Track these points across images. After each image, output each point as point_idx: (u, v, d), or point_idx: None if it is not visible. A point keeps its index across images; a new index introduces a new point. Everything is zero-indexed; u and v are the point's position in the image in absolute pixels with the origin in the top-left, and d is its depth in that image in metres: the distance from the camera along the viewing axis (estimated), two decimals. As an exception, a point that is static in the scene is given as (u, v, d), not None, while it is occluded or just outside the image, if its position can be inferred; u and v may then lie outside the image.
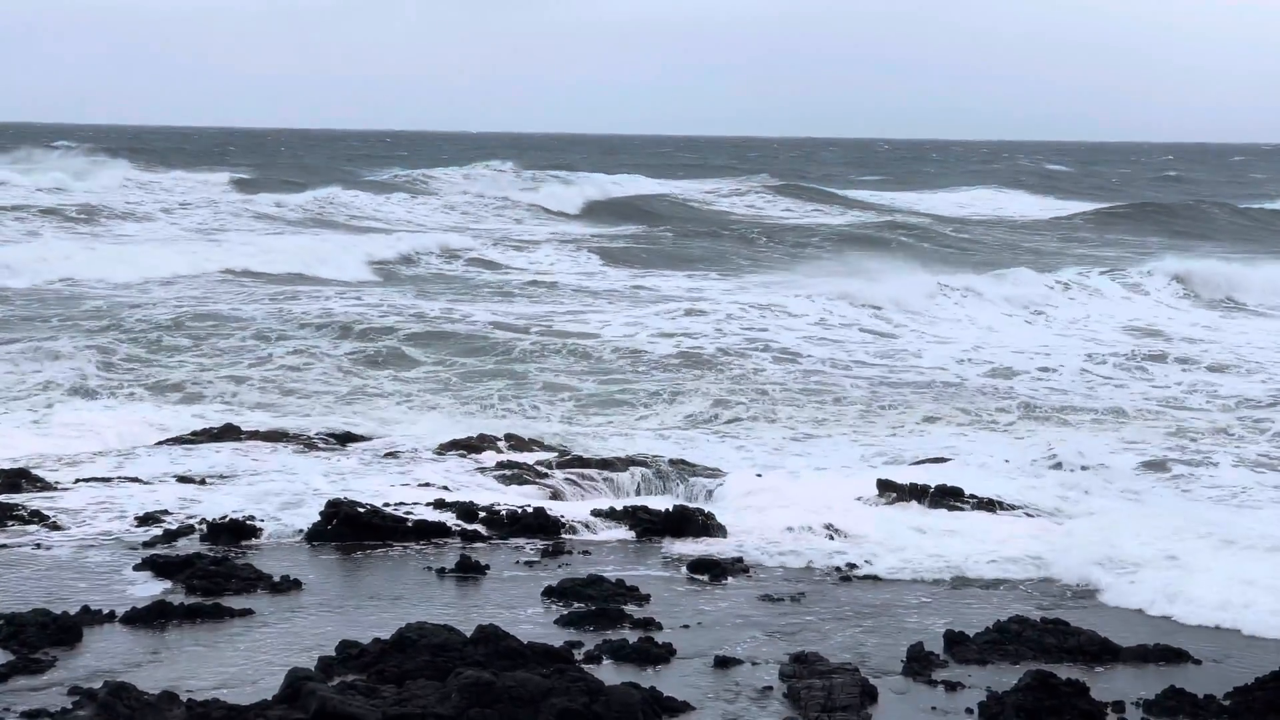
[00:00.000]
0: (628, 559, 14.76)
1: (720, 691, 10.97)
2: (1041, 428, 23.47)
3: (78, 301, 35.59)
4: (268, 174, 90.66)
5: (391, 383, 26.47)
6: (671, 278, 46.13)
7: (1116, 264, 49.20)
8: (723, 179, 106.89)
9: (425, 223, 67.50)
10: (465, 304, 36.87)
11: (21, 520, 15.28)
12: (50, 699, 10.45)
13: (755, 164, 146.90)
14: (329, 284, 41.14)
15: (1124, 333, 35.55)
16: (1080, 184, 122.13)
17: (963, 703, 10.84)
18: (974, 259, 54.33)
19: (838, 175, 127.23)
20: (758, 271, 49.39)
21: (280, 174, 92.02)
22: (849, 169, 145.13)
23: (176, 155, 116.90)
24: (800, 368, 29.04)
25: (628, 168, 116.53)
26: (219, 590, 13.13)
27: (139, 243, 50.51)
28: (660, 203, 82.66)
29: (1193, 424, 23.78)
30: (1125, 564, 14.24)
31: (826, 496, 17.00)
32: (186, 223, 59.69)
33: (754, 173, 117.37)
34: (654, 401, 25.07)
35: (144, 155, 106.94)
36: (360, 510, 15.33)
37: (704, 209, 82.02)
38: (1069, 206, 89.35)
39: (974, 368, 29.65)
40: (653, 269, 48.97)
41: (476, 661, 10.67)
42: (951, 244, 63.06)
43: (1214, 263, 46.94)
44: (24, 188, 70.56)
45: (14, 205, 59.71)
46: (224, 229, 57.70)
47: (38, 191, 69.10)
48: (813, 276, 43.50)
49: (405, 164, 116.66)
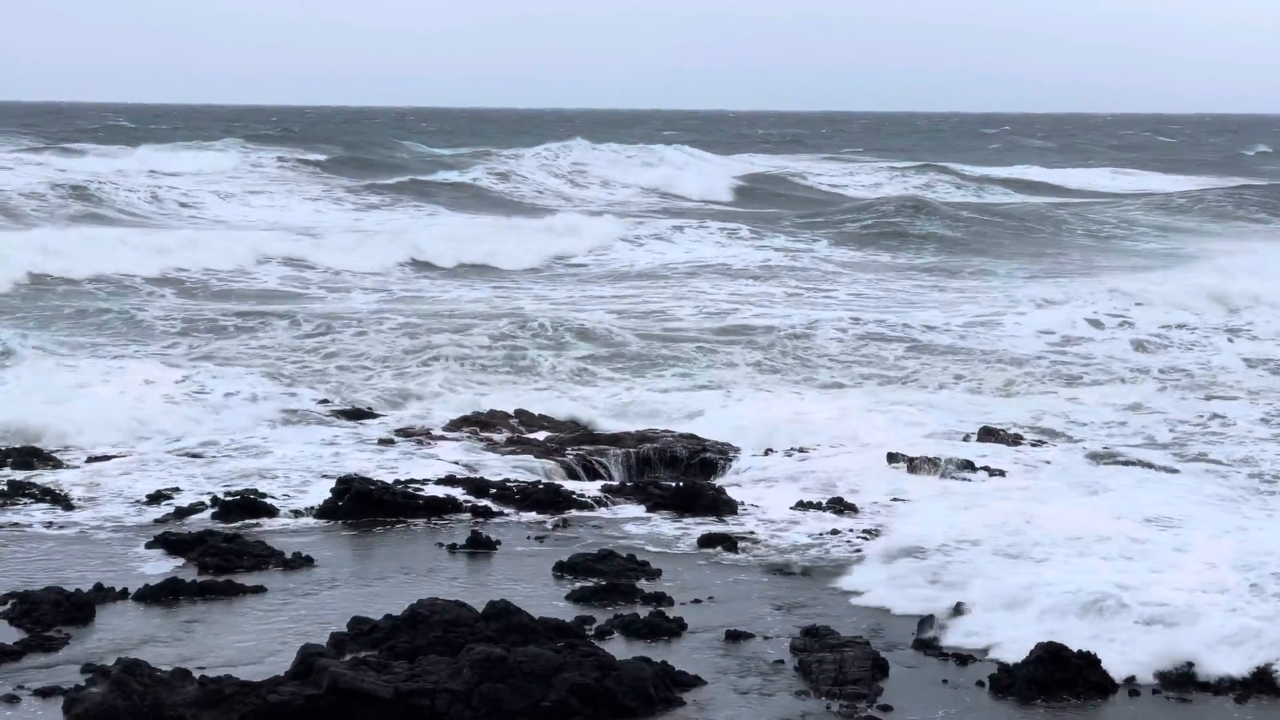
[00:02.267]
0: (638, 534, 14.76)
1: (731, 665, 10.98)
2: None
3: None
4: (360, 154, 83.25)
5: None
6: (1067, 283, 35.06)
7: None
8: (850, 161, 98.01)
9: (626, 205, 60.76)
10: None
11: (34, 498, 15.32)
12: (63, 676, 10.50)
13: (840, 140, 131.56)
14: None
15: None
16: (1234, 160, 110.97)
17: (974, 675, 10.84)
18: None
19: (959, 154, 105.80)
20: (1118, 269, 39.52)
21: (365, 154, 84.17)
22: (959, 149, 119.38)
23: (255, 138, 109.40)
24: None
25: (710, 146, 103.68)
26: (231, 567, 13.16)
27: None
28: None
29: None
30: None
31: (837, 471, 17.02)
32: (386, 212, 54.89)
33: (842, 149, 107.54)
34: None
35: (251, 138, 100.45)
36: (371, 487, 15.35)
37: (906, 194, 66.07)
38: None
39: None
40: (984, 259, 41.73)
41: (488, 637, 10.68)
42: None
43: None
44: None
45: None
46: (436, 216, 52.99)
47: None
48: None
49: (486, 143, 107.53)
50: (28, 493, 15.45)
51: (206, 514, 15.00)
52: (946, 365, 24.25)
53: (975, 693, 10.61)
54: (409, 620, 11.06)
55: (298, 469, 16.76)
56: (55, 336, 25.48)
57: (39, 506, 15.12)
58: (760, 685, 10.62)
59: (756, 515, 15.37)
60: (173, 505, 15.23)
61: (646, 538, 14.62)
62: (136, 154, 77.60)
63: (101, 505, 15.33)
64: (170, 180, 61.70)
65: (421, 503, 15.37)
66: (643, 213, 56.21)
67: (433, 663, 10.17)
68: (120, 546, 13.98)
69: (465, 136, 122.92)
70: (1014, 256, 43.40)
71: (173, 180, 61.86)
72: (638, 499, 15.87)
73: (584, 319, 27.59)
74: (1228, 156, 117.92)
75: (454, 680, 9.93)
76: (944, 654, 11.26)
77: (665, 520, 15.24)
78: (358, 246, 40.07)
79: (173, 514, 14.96)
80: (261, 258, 37.75)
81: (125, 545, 14.00)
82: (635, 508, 15.69)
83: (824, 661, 10.80)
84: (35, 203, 48.94)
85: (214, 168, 69.98)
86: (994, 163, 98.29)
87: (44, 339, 24.84)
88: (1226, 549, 13.09)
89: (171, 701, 9.79)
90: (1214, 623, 11.32)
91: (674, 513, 15.45)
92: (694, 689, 10.50)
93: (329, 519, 15.03)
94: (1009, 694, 10.52)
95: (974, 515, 14.45)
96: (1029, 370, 23.92)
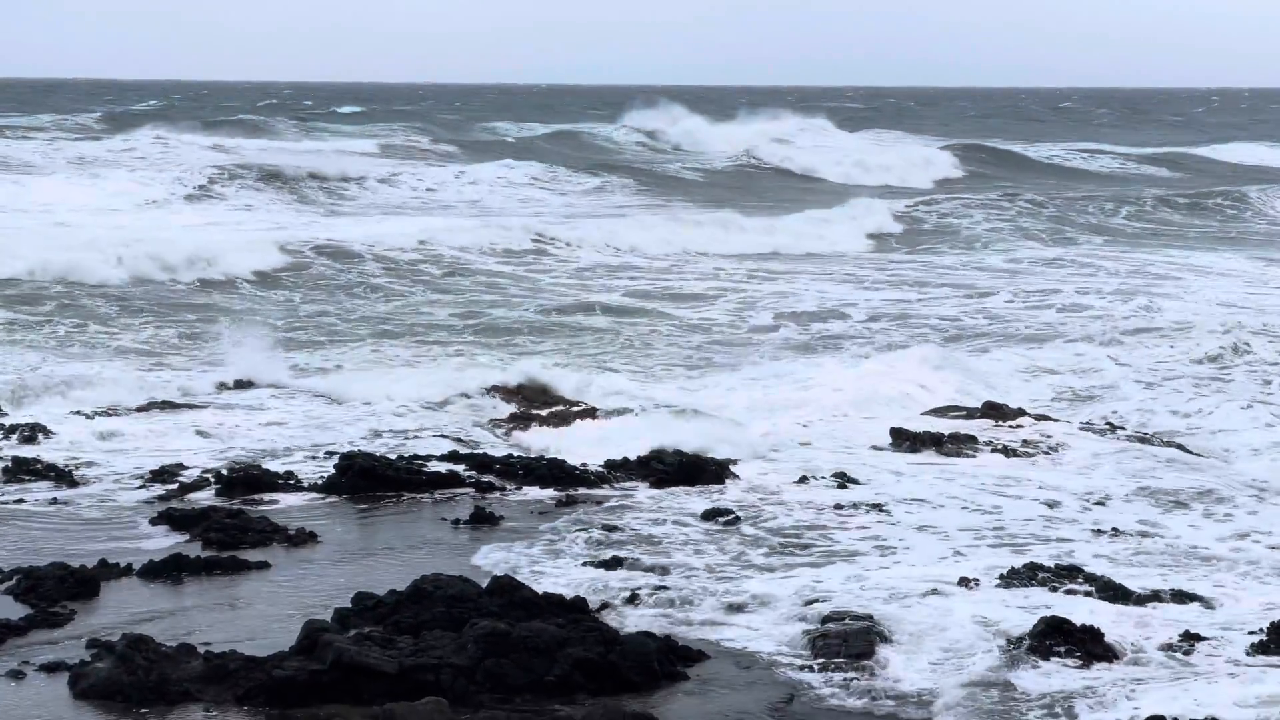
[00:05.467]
0: (642, 508, 14.77)
1: (735, 640, 11.00)
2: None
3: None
4: (466, 135, 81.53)
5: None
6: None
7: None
8: (927, 135, 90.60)
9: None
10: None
11: (38, 475, 15.34)
12: (69, 651, 10.52)
13: (892, 118, 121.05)
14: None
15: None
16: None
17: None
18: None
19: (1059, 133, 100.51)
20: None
21: (469, 135, 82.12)
22: (1041, 126, 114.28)
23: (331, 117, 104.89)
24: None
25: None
26: (235, 543, 13.19)
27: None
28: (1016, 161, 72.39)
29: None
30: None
31: (840, 444, 17.05)
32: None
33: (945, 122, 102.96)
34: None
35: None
36: (375, 462, 15.36)
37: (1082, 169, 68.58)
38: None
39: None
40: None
41: (492, 612, 10.70)
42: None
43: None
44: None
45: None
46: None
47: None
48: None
49: (536, 119, 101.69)
50: (32, 469, 15.46)
51: (211, 490, 15.03)
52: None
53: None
54: (413, 595, 11.07)
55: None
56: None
57: (43, 483, 15.13)
58: (764, 659, 10.63)
59: (760, 487, 15.38)
60: (177, 481, 15.23)
61: (650, 511, 14.62)
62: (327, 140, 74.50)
63: (105, 481, 15.34)
64: (388, 168, 57.02)
65: (425, 477, 15.39)
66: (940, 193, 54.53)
67: (437, 638, 10.19)
68: (124, 522, 13.99)
69: (546, 114, 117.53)
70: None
71: (406, 169, 57.24)
72: (641, 473, 15.87)
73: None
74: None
75: (458, 655, 9.95)
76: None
77: (668, 493, 15.24)
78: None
79: (176, 490, 14.97)
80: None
81: (129, 521, 14.02)
82: (639, 481, 15.69)
83: (829, 634, 10.82)
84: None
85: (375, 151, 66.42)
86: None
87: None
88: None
89: (176, 676, 9.82)
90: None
91: (677, 486, 15.45)
92: (698, 663, 10.51)
93: (332, 494, 15.04)
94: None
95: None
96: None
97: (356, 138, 77.41)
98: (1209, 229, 47.24)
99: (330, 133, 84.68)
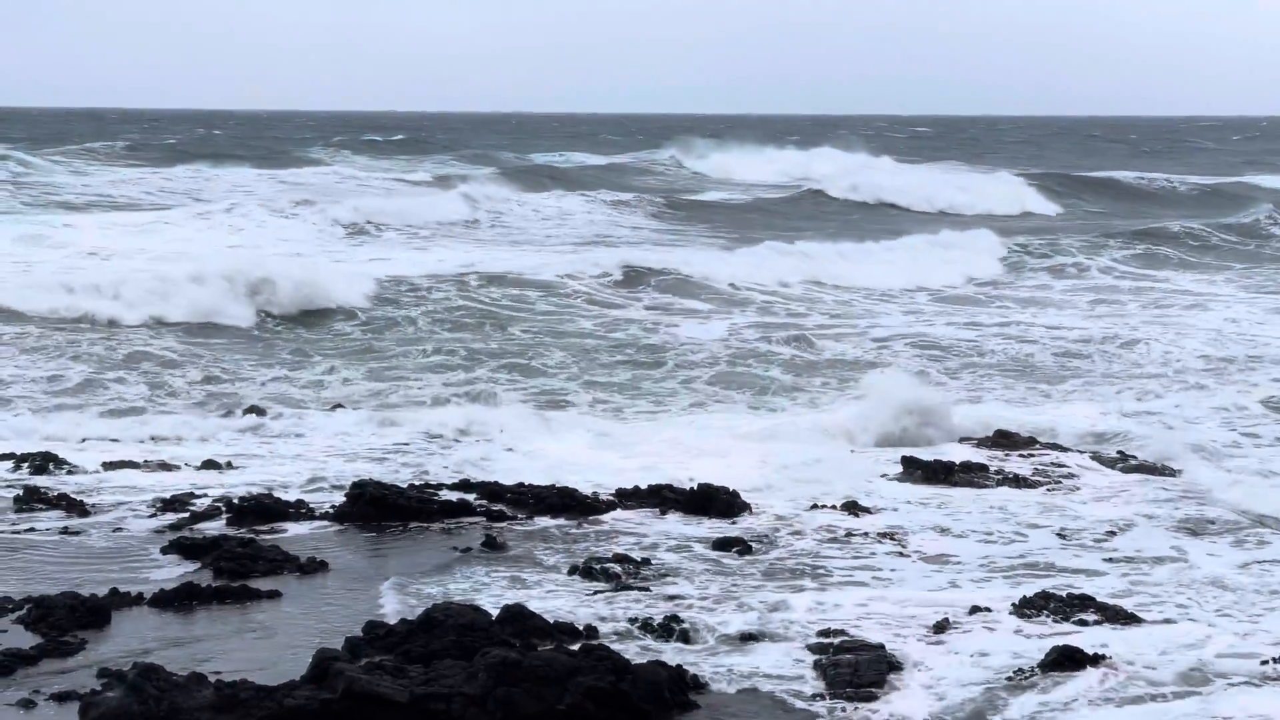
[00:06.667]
0: (653, 537, 14.75)
1: (746, 668, 10.97)
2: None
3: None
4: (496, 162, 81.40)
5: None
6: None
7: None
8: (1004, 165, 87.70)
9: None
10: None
11: (49, 504, 15.35)
12: (79, 680, 10.52)
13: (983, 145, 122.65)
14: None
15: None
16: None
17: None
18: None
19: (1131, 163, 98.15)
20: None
21: (525, 163, 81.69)
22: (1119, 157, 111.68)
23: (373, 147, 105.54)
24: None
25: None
26: (246, 572, 13.18)
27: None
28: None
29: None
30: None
31: (853, 474, 17.03)
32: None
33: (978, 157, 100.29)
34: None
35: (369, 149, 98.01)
36: (385, 491, 15.37)
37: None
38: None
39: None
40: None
41: (503, 641, 10.69)
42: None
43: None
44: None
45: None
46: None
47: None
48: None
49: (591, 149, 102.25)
50: (43, 498, 15.48)
51: (222, 520, 15.04)
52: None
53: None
54: (424, 624, 11.06)
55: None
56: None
57: (54, 512, 15.15)
58: (775, 687, 10.61)
59: (772, 516, 15.37)
60: (189, 510, 15.25)
61: (661, 540, 14.60)
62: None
63: (116, 510, 15.35)
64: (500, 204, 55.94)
65: (436, 506, 15.39)
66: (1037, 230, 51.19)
67: (448, 667, 10.18)
68: (136, 551, 14.00)
69: (588, 144, 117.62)
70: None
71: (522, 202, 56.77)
72: (652, 502, 15.86)
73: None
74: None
75: (469, 684, 9.93)
76: (958, 654, 11.25)
77: (679, 522, 15.23)
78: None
79: (188, 519, 14.98)
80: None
81: (140, 550, 14.03)
82: (650, 510, 15.68)
83: (840, 664, 10.81)
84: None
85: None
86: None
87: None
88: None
89: (187, 706, 9.80)
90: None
91: (688, 515, 15.44)
92: (709, 692, 10.49)
93: (343, 523, 15.04)
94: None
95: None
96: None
97: (414, 171, 76.92)
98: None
99: (378, 161, 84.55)
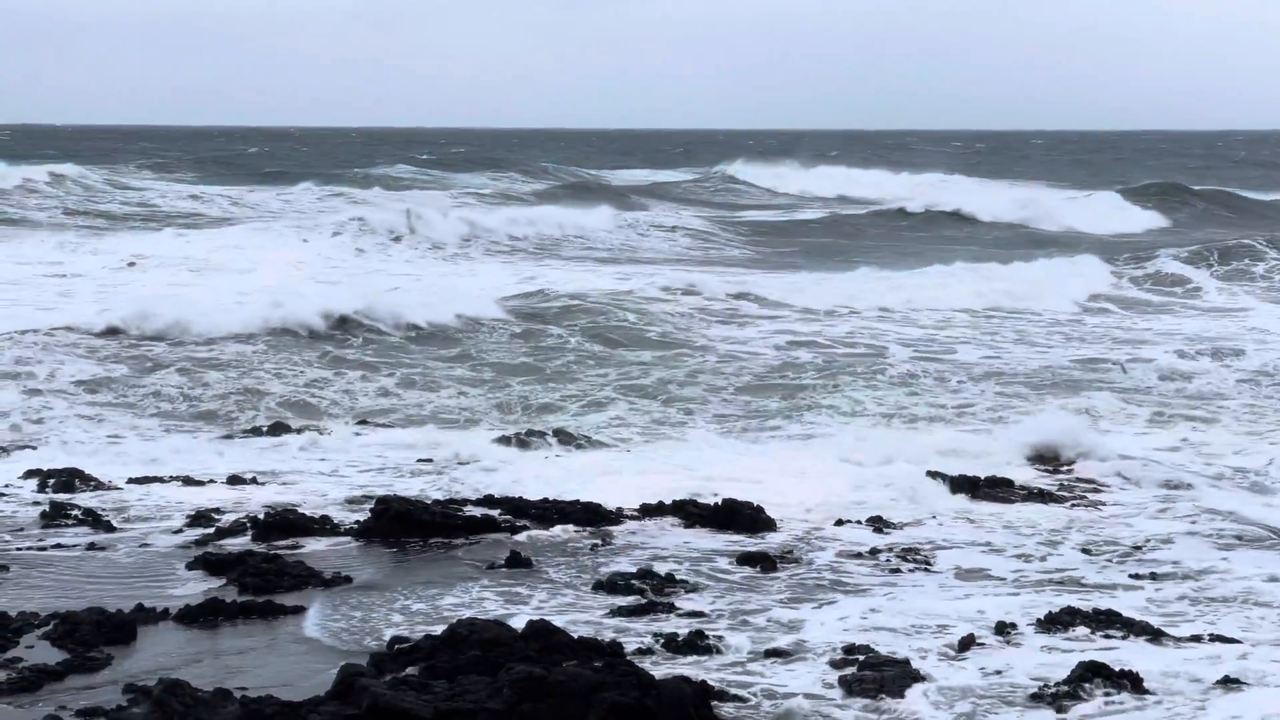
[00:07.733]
0: (677, 552, 14.74)
1: (772, 684, 10.95)
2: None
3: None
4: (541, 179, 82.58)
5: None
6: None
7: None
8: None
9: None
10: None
11: (75, 520, 15.40)
12: (105, 696, 10.54)
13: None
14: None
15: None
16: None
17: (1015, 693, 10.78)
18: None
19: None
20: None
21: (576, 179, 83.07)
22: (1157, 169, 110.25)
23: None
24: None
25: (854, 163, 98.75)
26: (271, 587, 13.20)
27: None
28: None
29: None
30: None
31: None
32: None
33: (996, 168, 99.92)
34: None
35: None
36: (410, 507, 15.38)
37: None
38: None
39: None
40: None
41: (527, 656, 10.68)
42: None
43: None
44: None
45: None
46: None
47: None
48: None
49: (623, 164, 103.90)
50: (69, 514, 15.54)
51: (248, 535, 15.06)
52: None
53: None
54: (448, 640, 11.06)
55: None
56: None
57: (80, 528, 15.20)
58: (800, 703, 10.57)
59: (797, 532, 15.35)
60: (214, 526, 15.28)
61: (685, 555, 14.59)
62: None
63: (142, 526, 15.40)
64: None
65: (461, 522, 15.40)
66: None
67: (473, 682, 10.17)
68: (161, 567, 14.03)
69: (630, 159, 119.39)
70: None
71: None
72: (676, 516, 15.85)
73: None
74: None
75: (494, 700, 9.93)
76: (983, 670, 11.20)
77: (704, 537, 15.22)
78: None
79: (213, 534, 15.02)
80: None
81: (166, 566, 14.06)
82: (674, 524, 15.67)
83: (865, 679, 10.77)
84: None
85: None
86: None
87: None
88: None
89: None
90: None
91: (712, 530, 15.44)
92: (734, 707, 10.47)
93: (367, 538, 15.05)
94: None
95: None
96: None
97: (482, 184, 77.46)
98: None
99: (446, 175, 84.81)
